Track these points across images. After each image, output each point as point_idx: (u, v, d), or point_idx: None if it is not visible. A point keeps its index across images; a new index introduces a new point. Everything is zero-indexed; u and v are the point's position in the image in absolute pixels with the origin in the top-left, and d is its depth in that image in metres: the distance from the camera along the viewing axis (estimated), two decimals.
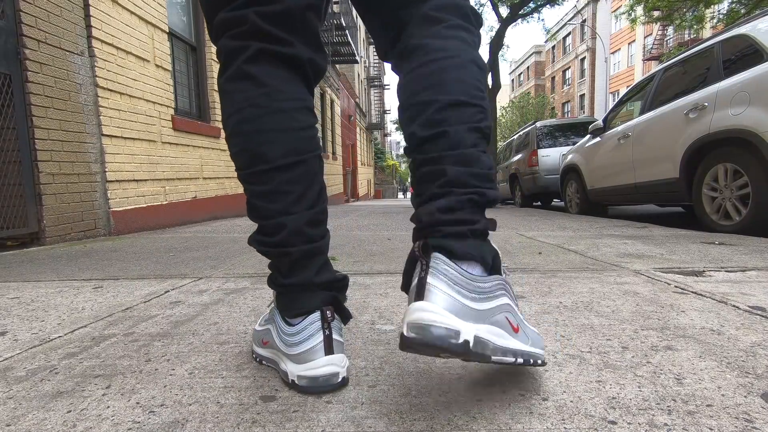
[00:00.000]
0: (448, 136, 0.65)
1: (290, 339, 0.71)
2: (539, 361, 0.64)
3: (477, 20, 0.74)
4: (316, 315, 0.71)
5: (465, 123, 0.66)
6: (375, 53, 6.95)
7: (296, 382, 0.68)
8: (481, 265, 0.62)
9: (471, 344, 0.54)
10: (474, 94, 0.68)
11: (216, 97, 5.17)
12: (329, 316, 0.71)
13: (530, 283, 1.44)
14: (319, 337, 0.69)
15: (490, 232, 0.66)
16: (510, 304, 0.63)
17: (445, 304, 0.56)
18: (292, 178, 0.71)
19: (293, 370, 0.69)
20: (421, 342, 0.53)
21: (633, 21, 14.51)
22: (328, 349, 0.69)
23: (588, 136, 5.15)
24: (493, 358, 0.56)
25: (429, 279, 0.58)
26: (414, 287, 0.60)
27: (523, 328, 0.65)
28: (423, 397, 0.66)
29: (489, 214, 0.66)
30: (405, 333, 0.54)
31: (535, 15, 9.90)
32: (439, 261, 0.59)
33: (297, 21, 0.71)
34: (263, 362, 0.80)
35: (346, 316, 0.77)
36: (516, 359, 0.59)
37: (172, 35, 4.46)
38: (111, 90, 3.41)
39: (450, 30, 0.70)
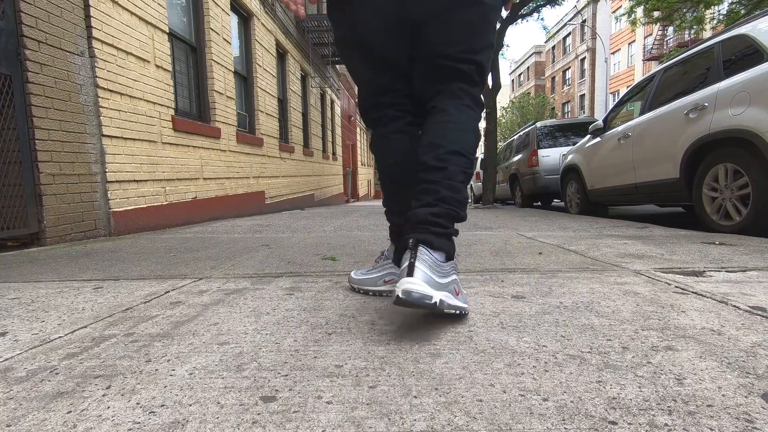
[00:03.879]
0: (447, 170, 1.07)
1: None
2: (465, 312, 1.05)
3: (481, 106, 1.21)
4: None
5: (458, 166, 1.08)
6: None
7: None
8: (446, 255, 1.03)
9: (437, 303, 0.90)
10: (468, 150, 1.11)
11: (216, 97, 5.17)
12: None
13: (530, 284, 1.44)
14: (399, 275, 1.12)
15: (454, 237, 1.08)
16: (456, 278, 1.05)
17: (424, 279, 0.92)
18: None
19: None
20: (407, 301, 0.88)
21: (633, 22, 14.50)
22: None
23: (588, 136, 5.15)
24: (445, 311, 0.95)
25: (416, 263, 0.94)
26: (405, 267, 0.94)
27: (460, 291, 1.07)
28: (423, 397, 0.66)
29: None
30: (399, 295, 0.88)
31: (535, 15, 9.89)
32: (423, 251, 0.97)
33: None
34: (383, 294, 1.29)
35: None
36: (456, 311, 1.01)
37: (172, 36, 4.46)
38: (111, 90, 3.41)
39: (464, 107, 1.15)
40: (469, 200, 14.18)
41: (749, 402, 0.63)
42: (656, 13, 13.87)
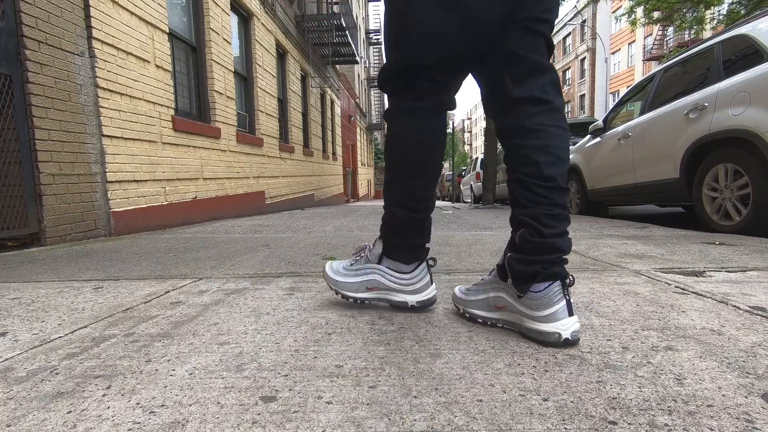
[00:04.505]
0: (565, 192, 0.96)
1: (408, 280, 1.12)
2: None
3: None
4: (424, 263, 1.13)
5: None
6: (375, 53, 6.91)
7: (415, 305, 1.12)
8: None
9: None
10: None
11: (216, 97, 5.17)
12: (432, 264, 1.14)
13: None
14: (427, 277, 1.13)
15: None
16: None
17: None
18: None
19: (411, 299, 1.12)
20: (573, 343, 0.88)
21: (633, 23, 14.50)
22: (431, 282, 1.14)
23: (588, 136, 5.15)
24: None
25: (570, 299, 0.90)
26: (564, 305, 0.89)
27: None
28: (423, 397, 0.66)
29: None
30: (569, 338, 0.86)
31: None
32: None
33: None
34: (365, 302, 1.17)
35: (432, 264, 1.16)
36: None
37: (172, 36, 4.46)
38: (111, 90, 3.41)
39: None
40: (469, 200, 14.19)
41: (749, 402, 0.63)
42: (656, 14, 13.87)
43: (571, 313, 0.87)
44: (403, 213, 1.08)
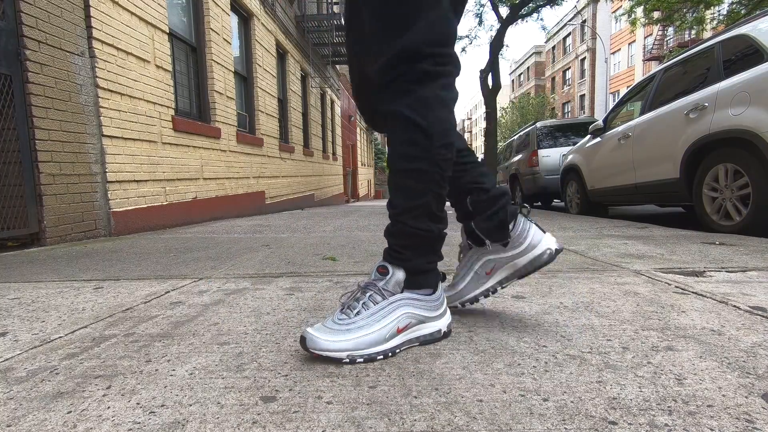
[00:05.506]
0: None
1: (436, 302, 0.92)
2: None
3: None
4: (441, 284, 0.97)
5: None
6: None
7: (446, 331, 0.93)
8: None
9: None
10: None
11: (216, 97, 5.17)
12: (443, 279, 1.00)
13: (530, 284, 1.44)
14: (444, 298, 0.97)
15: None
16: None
17: None
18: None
19: (443, 324, 0.92)
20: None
21: (633, 22, 14.50)
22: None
23: (588, 136, 5.15)
24: None
25: None
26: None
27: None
28: (423, 397, 0.66)
29: None
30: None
31: (535, 15, 9.89)
32: None
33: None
34: (396, 351, 0.85)
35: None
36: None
37: (172, 36, 4.46)
38: (111, 91, 3.41)
39: None
40: None
41: (749, 402, 0.63)
42: (656, 14, 13.86)
43: (543, 231, 1.02)
44: (434, 226, 0.91)
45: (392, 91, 0.87)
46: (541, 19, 18.07)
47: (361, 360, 0.80)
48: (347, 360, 0.80)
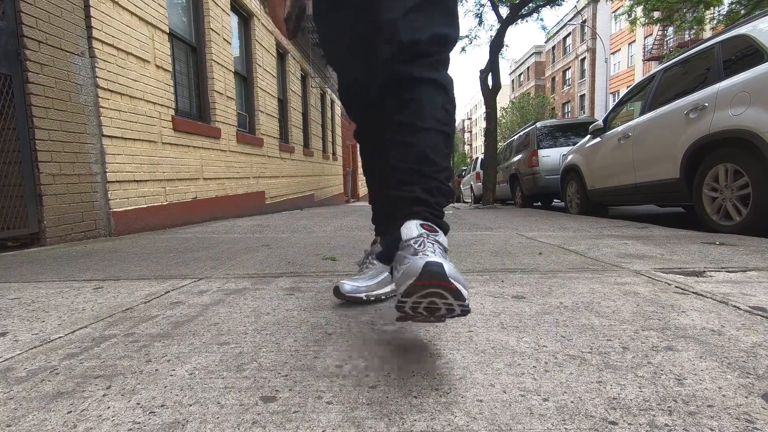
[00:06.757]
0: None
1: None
2: None
3: None
4: None
5: None
6: None
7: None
8: None
9: None
10: None
11: (216, 97, 5.17)
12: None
13: (530, 284, 1.44)
14: None
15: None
16: None
17: None
18: None
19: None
20: None
21: (632, 22, 14.49)
22: None
23: (588, 136, 5.15)
24: None
25: None
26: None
27: None
28: (423, 397, 0.66)
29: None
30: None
31: (535, 15, 9.87)
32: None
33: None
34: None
35: None
36: None
37: (172, 36, 4.46)
38: (111, 91, 3.41)
39: None
40: (470, 200, 14.18)
41: (749, 402, 0.63)
42: (656, 14, 13.86)
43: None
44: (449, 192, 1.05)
45: (426, 64, 0.97)
46: (541, 19, 18.06)
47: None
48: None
